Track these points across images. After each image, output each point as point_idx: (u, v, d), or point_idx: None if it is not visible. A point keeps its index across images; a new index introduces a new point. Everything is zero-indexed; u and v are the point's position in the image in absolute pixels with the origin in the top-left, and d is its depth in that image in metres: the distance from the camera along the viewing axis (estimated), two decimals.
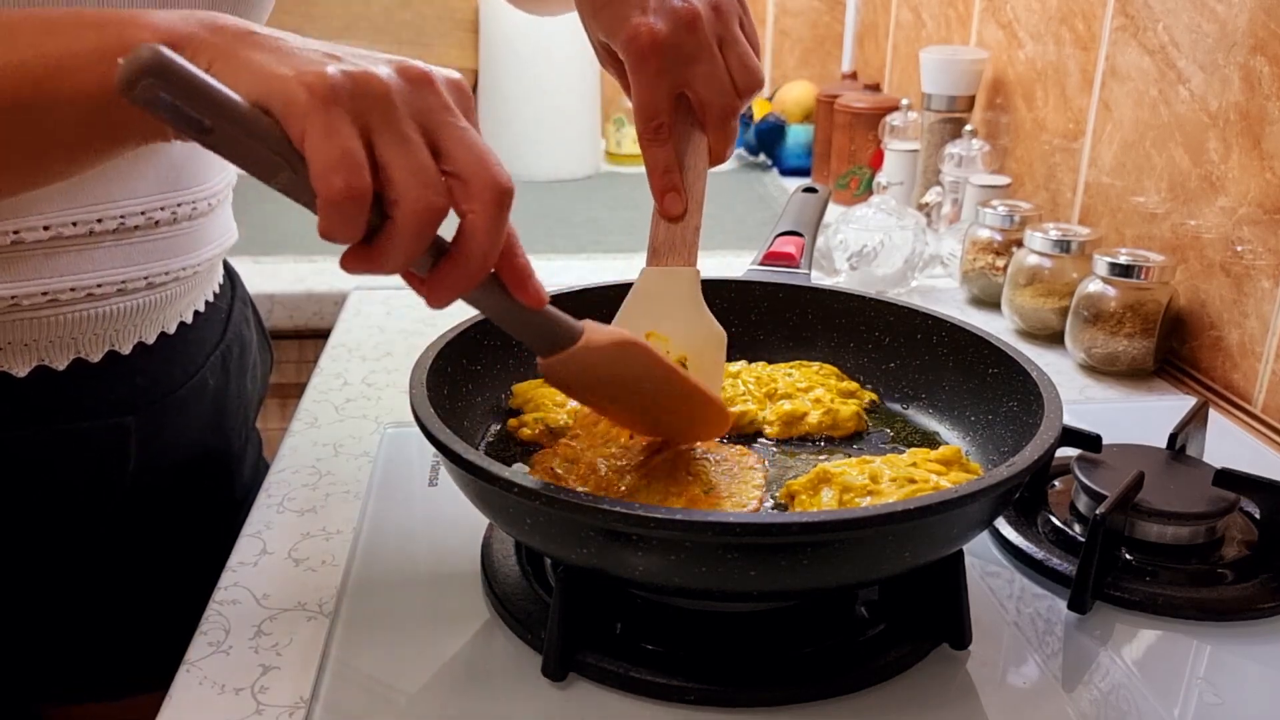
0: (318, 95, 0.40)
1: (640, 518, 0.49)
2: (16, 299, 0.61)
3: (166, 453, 0.74)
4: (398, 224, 0.42)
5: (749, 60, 0.61)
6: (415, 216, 0.42)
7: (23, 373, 0.63)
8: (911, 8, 1.73)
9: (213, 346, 0.78)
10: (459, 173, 0.44)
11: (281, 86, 0.41)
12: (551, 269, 1.31)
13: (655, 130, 0.61)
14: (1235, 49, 0.95)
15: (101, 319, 0.65)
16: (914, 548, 0.53)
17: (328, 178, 0.40)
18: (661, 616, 0.60)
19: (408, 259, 0.43)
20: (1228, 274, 0.97)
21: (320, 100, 0.40)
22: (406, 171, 0.42)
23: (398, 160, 0.42)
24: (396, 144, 0.42)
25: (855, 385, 0.77)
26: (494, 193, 0.44)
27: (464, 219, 0.44)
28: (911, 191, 1.46)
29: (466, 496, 0.58)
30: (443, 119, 0.44)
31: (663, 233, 0.64)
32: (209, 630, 0.60)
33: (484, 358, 0.72)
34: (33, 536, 0.68)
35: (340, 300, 1.20)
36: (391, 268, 0.44)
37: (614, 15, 0.61)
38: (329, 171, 0.40)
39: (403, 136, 0.42)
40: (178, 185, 0.68)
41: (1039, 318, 1.07)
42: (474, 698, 0.56)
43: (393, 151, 0.42)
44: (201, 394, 0.76)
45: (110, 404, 0.68)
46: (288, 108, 0.41)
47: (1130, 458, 0.72)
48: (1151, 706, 0.56)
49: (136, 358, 0.69)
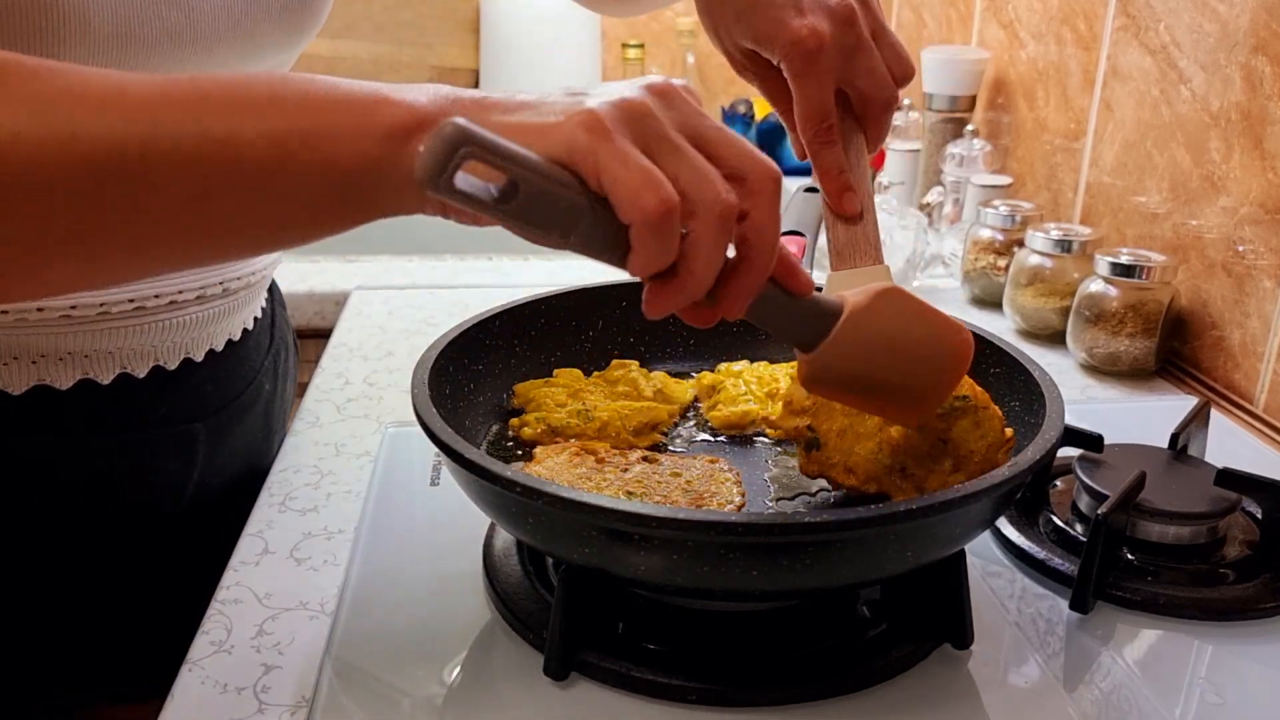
0: (597, 131, 0.40)
1: (643, 517, 0.49)
2: (106, 306, 0.62)
3: (226, 458, 0.75)
4: (700, 234, 0.42)
5: (900, 49, 0.61)
6: (718, 219, 0.42)
7: (107, 380, 0.64)
8: (913, 7, 1.73)
9: (265, 352, 0.80)
10: (734, 170, 0.43)
11: (561, 134, 0.41)
12: (547, 270, 1.31)
13: (828, 131, 0.61)
14: (1237, 49, 0.95)
15: (181, 326, 0.67)
16: (916, 547, 0.53)
17: (640, 198, 0.40)
18: (663, 616, 0.60)
19: (714, 270, 0.43)
20: (1229, 274, 0.97)
21: (602, 134, 0.40)
22: (695, 176, 0.42)
23: (683, 170, 0.42)
24: (676, 155, 0.42)
25: None
26: (772, 182, 0.44)
27: (749, 214, 0.44)
28: (913, 191, 1.46)
29: (468, 496, 0.58)
30: (700, 123, 0.44)
31: (843, 235, 0.63)
32: (211, 630, 0.60)
33: (486, 357, 0.72)
34: (100, 542, 0.69)
35: (342, 300, 1.20)
36: (702, 286, 0.43)
37: (767, 19, 0.59)
38: (640, 193, 0.40)
39: (678, 147, 0.42)
40: None
41: (1040, 318, 1.07)
42: (475, 697, 0.56)
43: (675, 163, 0.42)
44: (257, 399, 0.78)
45: (182, 411, 0.70)
46: (574, 153, 0.41)
47: (1132, 458, 0.72)
48: (1153, 706, 0.56)
49: (206, 365, 0.71)
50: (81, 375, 0.64)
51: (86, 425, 0.65)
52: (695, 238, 0.42)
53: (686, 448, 0.72)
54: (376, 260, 1.33)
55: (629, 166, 0.40)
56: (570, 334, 0.78)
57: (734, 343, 0.82)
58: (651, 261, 0.42)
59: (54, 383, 0.63)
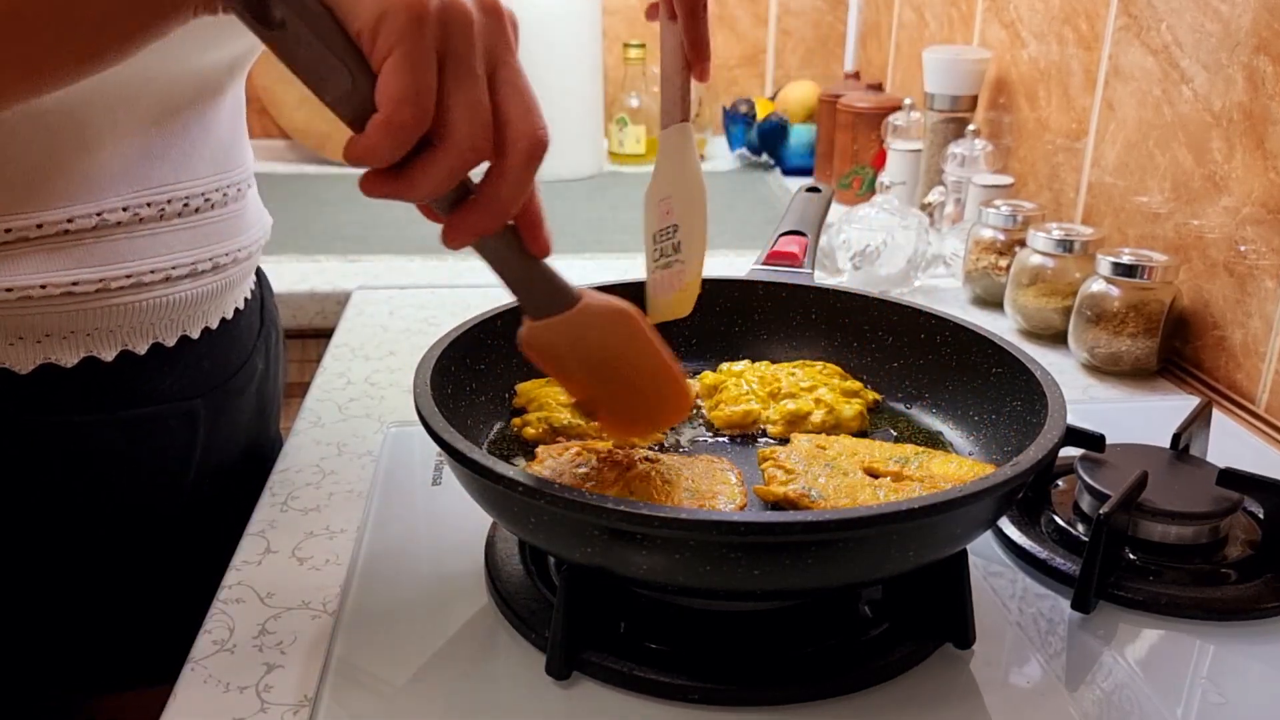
0: (413, 23, 0.41)
1: (645, 517, 0.49)
2: (105, 281, 0.64)
3: (225, 436, 0.77)
4: (438, 157, 0.43)
5: None
6: (459, 156, 0.43)
7: (109, 357, 0.66)
8: (914, 7, 1.73)
9: (257, 333, 0.82)
10: (506, 117, 0.44)
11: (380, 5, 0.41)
12: (554, 268, 1.31)
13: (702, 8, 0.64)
14: (1239, 49, 0.95)
15: (177, 304, 0.69)
16: (918, 547, 0.53)
17: (399, 106, 0.41)
18: (665, 615, 0.60)
19: (435, 192, 0.44)
20: (1231, 274, 0.97)
21: (415, 27, 0.41)
22: (465, 109, 0.43)
23: (461, 97, 0.43)
24: (464, 80, 0.43)
25: (859, 385, 0.77)
26: (532, 143, 0.45)
27: (499, 163, 0.45)
28: (914, 191, 1.46)
29: (470, 495, 0.58)
30: (505, 58, 0.45)
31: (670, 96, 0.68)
32: (213, 629, 0.61)
33: (488, 357, 0.72)
34: (108, 523, 0.70)
35: (343, 300, 1.20)
36: (417, 196, 0.44)
37: None
38: (402, 100, 0.41)
39: (471, 72, 0.43)
40: (225, 166, 0.72)
41: (1042, 317, 1.07)
42: (478, 697, 0.56)
43: (459, 88, 0.43)
44: (252, 377, 0.80)
45: (183, 388, 0.71)
46: (379, 27, 0.41)
47: (1134, 457, 0.72)
48: (1155, 706, 0.56)
49: (203, 343, 0.72)
50: (85, 353, 0.65)
51: (93, 402, 0.67)
52: (435, 158, 0.43)
53: (689, 447, 0.72)
54: (378, 260, 1.33)
55: (413, 72, 0.41)
56: None
57: (736, 342, 0.82)
58: (377, 155, 0.42)
59: (59, 361, 0.64)
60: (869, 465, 0.65)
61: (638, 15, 2.04)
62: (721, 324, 0.82)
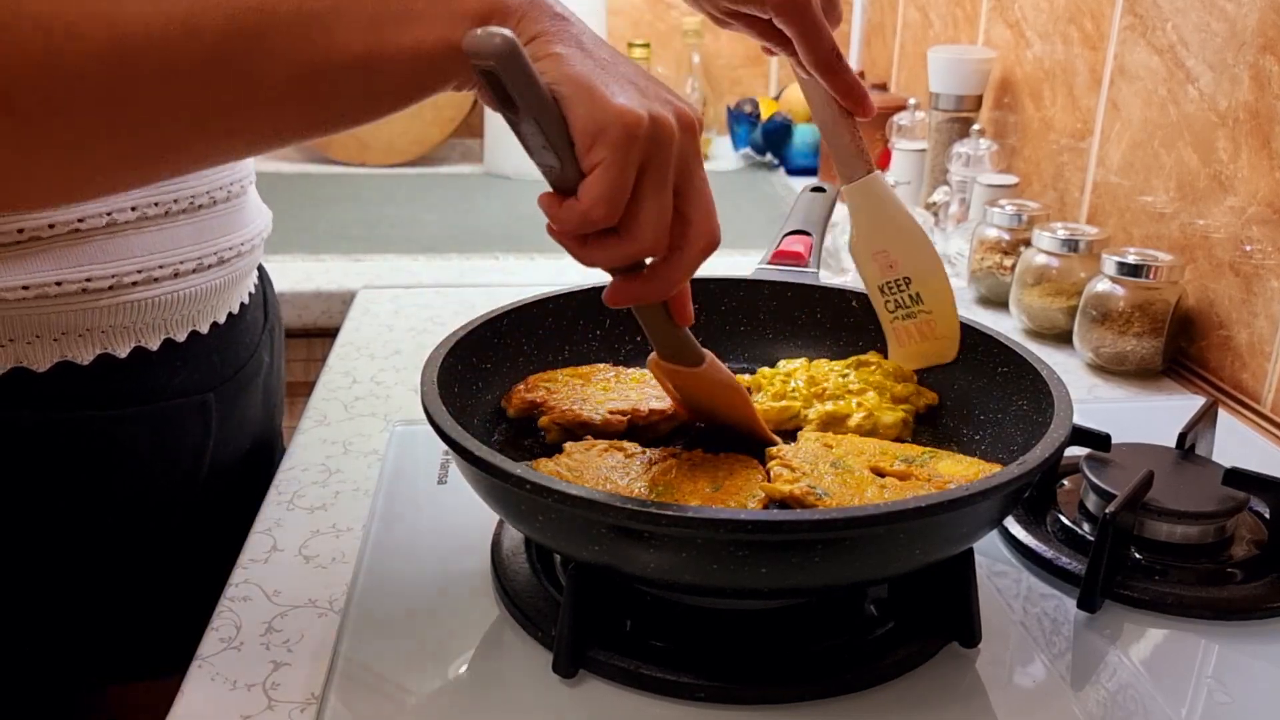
0: (629, 136, 0.46)
1: (652, 515, 0.49)
2: (117, 277, 0.65)
3: (235, 429, 0.78)
4: (620, 244, 0.50)
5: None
6: (637, 249, 0.50)
7: (123, 353, 0.67)
8: (919, 7, 1.73)
9: (262, 325, 0.83)
10: (689, 218, 0.51)
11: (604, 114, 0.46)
12: (553, 269, 1.31)
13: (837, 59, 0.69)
14: (1245, 48, 0.95)
15: (185, 300, 0.70)
16: (924, 546, 0.53)
17: (596, 203, 0.47)
18: (671, 614, 0.60)
19: (605, 267, 0.52)
20: (1236, 273, 0.97)
21: (629, 142, 0.46)
22: (652, 213, 0.49)
23: (650, 203, 0.49)
24: (657, 188, 0.49)
25: (913, 387, 0.75)
26: (708, 242, 0.52)
27: (677, 253, 0.52)
28: (919, 191, 1.46)
29: (477, 493, 0.58)
30: (694, 169, 0.51)
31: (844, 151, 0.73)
32: (220, 626, 0.61)
33: (494, 356, 0.72)
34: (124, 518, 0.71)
35: (348, 299, 1.20)
36: (590, 265, 0.52)
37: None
38: (600, 200, 0.47)
39: (664, 183, 0.49)
40: (229, 165, 0.73)
41: (1047, 317, 1.07)
42: (484, 695, 0.56)
43: (651, 194, 0.49)
44: (258, 371, 0.82)
45: (195, 383, 0.73)
46: (600, 136, 0.46)
47: (1139, 457, 0.72)
48: (1160, 706, 0.56)
49: (212, 337, 0.74)
50: (101, 350, 0.66)
51: (109, 399, 0.68)
52: (616, 241, 0.50)
53: None
54: (383, 259, 1.33)
55: (618, 182, 0.47)
56: (578, 332, 0.78)
57: (742, 342, 0.82)
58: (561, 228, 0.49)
59: (75, 358, 0.65)
60: (875, 464, 0.65)
61: (642, 15, 2.04)
62: (727, 324, 0.82)
